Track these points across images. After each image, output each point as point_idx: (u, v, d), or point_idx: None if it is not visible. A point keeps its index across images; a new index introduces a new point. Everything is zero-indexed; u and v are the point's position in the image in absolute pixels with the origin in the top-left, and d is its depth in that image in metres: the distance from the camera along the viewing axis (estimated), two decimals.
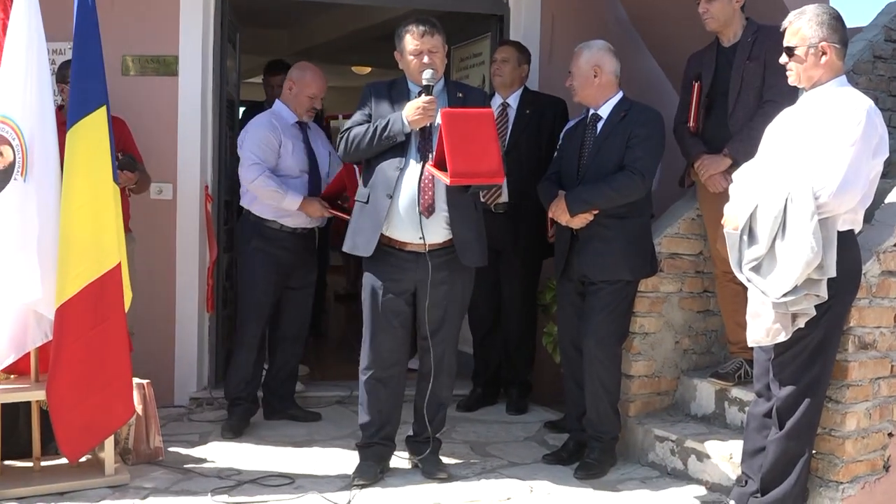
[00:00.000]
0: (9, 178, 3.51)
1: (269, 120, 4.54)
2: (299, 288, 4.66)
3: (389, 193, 3.71)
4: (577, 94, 4.10)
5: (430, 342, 3.86)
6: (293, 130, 4.56)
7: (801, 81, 3.26)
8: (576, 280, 4.06)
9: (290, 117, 4.57)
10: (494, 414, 4.98)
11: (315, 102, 4.58)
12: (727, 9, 4.08)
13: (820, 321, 3.13)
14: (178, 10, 4.99)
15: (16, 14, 3.55)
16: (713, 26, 4.14)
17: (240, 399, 4.58)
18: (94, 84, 3.63)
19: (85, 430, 3.63)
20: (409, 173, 3.73)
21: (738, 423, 3.97)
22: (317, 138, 4.70)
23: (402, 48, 3.82)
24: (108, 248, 3.60)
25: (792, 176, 3.07)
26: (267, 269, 4.50)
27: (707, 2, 4.09)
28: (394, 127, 3.69)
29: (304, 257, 4.64)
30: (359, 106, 3.90)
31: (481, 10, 5.62)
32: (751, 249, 3.13)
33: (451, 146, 3.44)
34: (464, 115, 3.59)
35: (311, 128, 4.69)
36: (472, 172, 3.51)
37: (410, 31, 3.79)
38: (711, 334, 4.49)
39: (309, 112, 4.59)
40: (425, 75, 3.69)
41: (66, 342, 3.54)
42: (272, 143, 4.45)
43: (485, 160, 3.50)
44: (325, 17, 8.25)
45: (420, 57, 3.76)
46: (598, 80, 4.03)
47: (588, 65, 4.03)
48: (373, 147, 3.73)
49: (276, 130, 4.47)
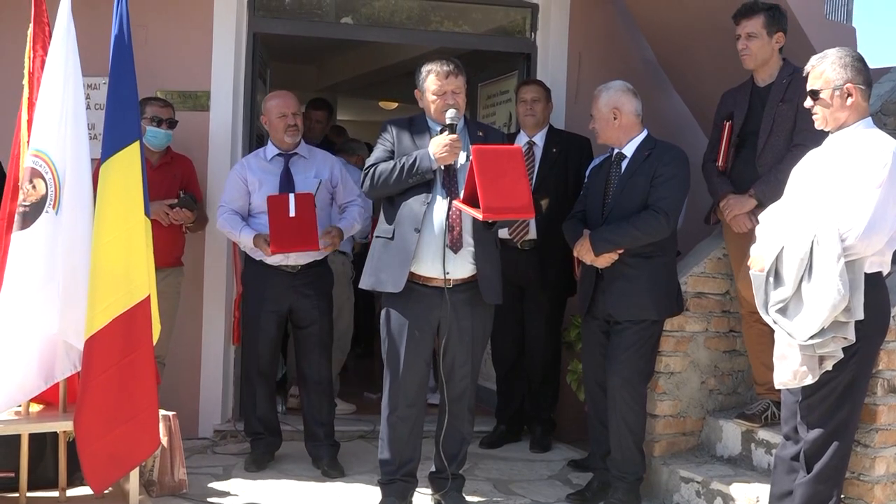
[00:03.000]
0: (40, 211, 3.56)
1: (246, 160, 4.65)
2: (305, 327, 4.55)
3: (417, 227, 3.72)
4: (600, 137, 4.12)
5: (453, 378, 3.87)
6: (269, 167, 4.52)
7: (827, 124, 3.25)
8: (601, 318, 4.05)
9: (270, 152, 4.56)
10: (518, 451, 4.96)
11: (289, 119, 4.48)
12: (766, 48, 4.06)
13: (848, 364, 3.10)
14: (211, 46, 5.08)
15: (54, 50, 3.62)
16: (750, 65, 4.12)
17: (260, 434, 4.59)
18: (129, 119, 3.69)
19: (110, 462, 3.64)
20: (436, 209, 3.75)
21: (765, 466, 3.93)
22: (308, 169, 4.55)
23: (425, 87, 3.86)
24: (138, 280, 3.64)
25: (818, 218, 3.06)
26: (256, 307, 4.50)
27: (747, 38, 4.07)
28: (422, 164, 3.71)
29: (300, 296, 4.49)
30: (379, 141, 3.91)
31: (509, 48, 5.68)
32: (777, 291, 3.12)
33: (483, 182, 3.48)
34: (495, 152, 3.63)
35: (306, 157, 4.59)
36: (503, 207, 3.54)
37: (434, 71, 3.82)
38: (738, 375, 4.46)
39: (290, 131, 4.48)
40: (449, 114, 3.72)
41: (94, 373, 3.57)
42: (238, 183, 4.50)
43: (516, 195, 3.54)
44: (353, 54, 8.36)
45: (444, 97, 3.79)
46: (618, 122, 4.04)
47: (607, 107, 4.05)
48: (400, 183, 3.75)
49: (242, 170, 4.53)
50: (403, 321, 3.81)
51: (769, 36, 4.05)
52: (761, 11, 4.06)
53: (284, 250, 4.30)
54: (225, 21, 5.10)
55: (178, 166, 4.77)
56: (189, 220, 4.62)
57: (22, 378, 3.60)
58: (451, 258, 3.72)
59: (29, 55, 3.75)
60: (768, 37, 4.05)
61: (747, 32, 4.06)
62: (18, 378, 3.59)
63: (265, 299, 4.48)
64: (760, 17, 4.05)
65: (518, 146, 3.81)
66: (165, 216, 4.50)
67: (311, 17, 5.60)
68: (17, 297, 3.52)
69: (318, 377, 4.58)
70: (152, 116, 4.54)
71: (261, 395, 4.58)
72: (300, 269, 4.48)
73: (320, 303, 4.56)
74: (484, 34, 5.70)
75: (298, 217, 4.23)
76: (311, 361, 4.57)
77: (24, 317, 3.53)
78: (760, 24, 4.04)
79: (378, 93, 9.88)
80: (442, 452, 3.92)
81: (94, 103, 4.82)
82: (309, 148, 4.69)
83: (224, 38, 5.10)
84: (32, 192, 3.55)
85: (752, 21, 4.06)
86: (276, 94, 4.64)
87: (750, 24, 4.06)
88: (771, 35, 4.06)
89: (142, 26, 4.68)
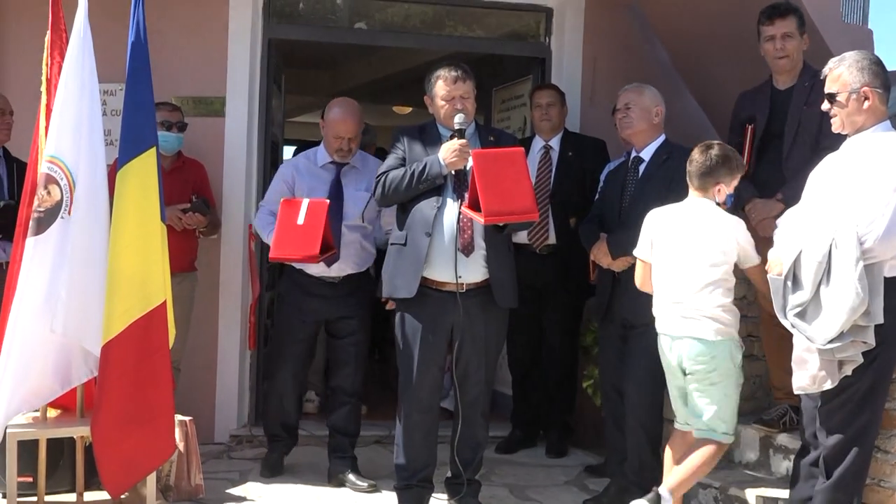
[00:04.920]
0: (55, 217, 3.57)
1: (295, 162, 4.54)
2: (342, 337, 4.46)
3: (428, 231, 3.72)
4: (631, 129, 4.06)
5: (467, 383, 3.86)
6: (321, 172, 4.41)
7: (844, 128, 3.23)
8: (618, 323, 4.04)
9: (322, 158, 4.45)
10: (534, 457, 4.95)
11: (343, 143, 4.36)
12: (799, 50, 3.99)
13: (868, 369, 3.07)
14: (226, 52, 5.11)
15: (70, 56, 3.64)
16: (788, 66, 4.00)
17: (278, 436, 4.56)
18: (145, 125, 3.71)
19: (127, 466, 3.66)
20: (447, 212, 3.75)
21: (784, 472, 3.90)
22: (360, 180, 4.42)
23: (434, 93, 3.86)
24: (155, 286, 3.65)
25: (837, 221, 3.04)
26: (291, 316, 4.42)
27: (783, 39, 3.95)
28: (431, 169, 3.71)
29: (342, 306, 4.39)
30: (392, 151, 3.92)
31: (523, 53, 5.68)
32: (795, 295, 3.10)
33: (483, 186, 3.47)
34: (494, 155, 3.61)
35: (358, 168, 4.45)
36: (505, 211, 3.53)
37: (442, 76, 3.83)
38: (756, 380, 4.42)
39: (340, 153, 4.39)
40: (457, 119, 3.72)
41: (111, 378, 3.58)
42: (282, 187, 4.40)
43: (517, 198, 3.52)
44: (367, 59, 8.37)
45: (452, 103, 3.80)
46: (656, 120, 4.05)
47: (653, 103, 4.06)
48: (411, 189, 3.75)
49: (291, 173, 4.42)
50: (417, 326, 3.81)
51: (800, 37, 3.99)
52: (792, 12, 3.98)
53: (281, 258, 4.16)
54: (240, 27, 5.12)
55: (189, 171, 4.79)
56: (202, 224, 4.63)
57: (38, 382, 3.62)
58: (462, 262, 3.72)
59: (47, 62, 3.77)
60: (800, 38, 3.99)
61: (784, 32, 3.96)
62: (34, 382, 3.61)
63: (304, 310, 4.39)
64: (793, 17, 3.97)
65: (519, 148, 3.79)
66: (178, 220, 4.51)
67: (325, 22, 5.63)
68: (31, 302, 3.53)
69: (352, 389, 4.49)
70: (162, 121, 4.54)
71: (289, 401, 4.50)
72: (341, 280, 4.38)
73: (360, 314, 4.47)
74: (498, 38, 5.70)
75: (306, 225, 4.05)
76: (346, 373, 4.48)
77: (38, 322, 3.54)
78: (794, 24, 3.97)
79: (392, 97, 9.89)
80: (457, 458, 3.91)
81: (111, 109, 4.84)
82: (363, 156, 4.53)
83: (239, 44, 5.12)
84: (47, 197, 3.56)
85: (788, 21, 3.96)
86: (343, 109, 4.43)
87: (786, 24, 3.96)
88: (801, 36, 3.99)
89: (158, 32, 4.69)
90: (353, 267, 4.39)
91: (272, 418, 4.59)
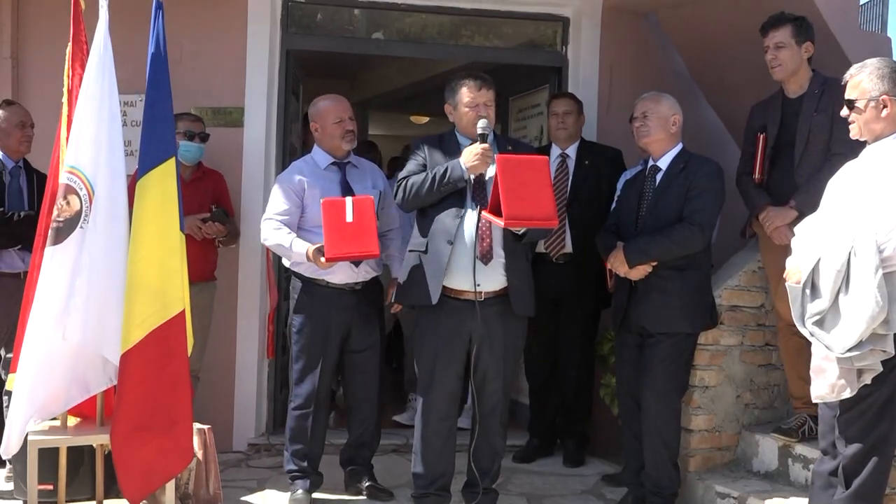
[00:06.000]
0: (74, 227, 3.59)
1: (298, 167, 4.32)
2: (361, 350, 4.28)
3: (450, 240, 3.74)
4: (648, 137, 4.06)
5: (484, 391, 3.86)
6: (326, 175, 4.27)
7: (862, 134, 3.23)
8: (634, 332, 4.03)
9: (323, 161, 4.30)
10: (551, 465, 4.94)
11: (346, 124, 4.26)
12: (796, 58, 4.06)
13: (887, 377, 3.05)
14: (245, 63, 5.14)
15: (90, 68, 3.67)
16: (781, 75, 4.11)
17: (302, 473, 4.26)
18: (165, 135, 3.73)
19: (146, 474, 3.67)
20: (467, 221, 3.77)
21: (803, 481, 3.88)
22: (364, 178, 4.34)
23: (457, 100, 3.90)
24: (173, 295, 3.67)
25: (855, 229, 3.03)
26: (321, 333, 4.19)
27: (776, 49, 4.06)
28: (453, 173, 3.73)
29: (361, 317, 4.25)
30: (411, 158, 3.95)
31: (540, 62, 5.68)
32: (813, 304, 3.08)
33: (505, 190, 3.48)
34: (518, 161, 3.63)
35: (357, 167, 4.37)
36: (526, 216, 3.54)
37: (467, 84, 3.87)
38: (774, 389, 4.41)
39: (348, 136, 4.27)
40: (480, 124, 3.75)
41: (130, 387, 3.60)
42: (290, 195, 4.19)
43: (539, 204, 3.53)
44: (385, 69, 8.41)
45: (476, 109, 3.83)
46: (674, 129, 4.05)
47: (670, 111, 4.06)
48: (432, 193, 3.77)
49: (298, 180, 4.22)
50: (435, 335, 3.82)
51: (798, 45, 4.05)
52: (788, 22, 4.07)
53: (340, 257, 3.91)
54: (258, 38, 5.15)
55: (209, 181, 4.83)
56: (221, 234, 4.67)
57: (56, 390, 3.65)
58: (481, 270, 3.73)
59: (68, 73, 3.81)
60: (797, 46, 4.05)
61: (775, 43, 4.07)
62: (53, 390, 3.64)
63: (331, 324, 4.19)
64: (788, 27, 4.05)
65: (544, 156, 3.81)
66: (198, 230, 4.55)
67: (342, 33, 5.65)
68: (50, 311, 3.56)
69: (374, 402, 4.35)
70: (185, 131, 4.59)
71: (318, 431, 4.24)
72: (362, 287, 4.25)
73: (379, 323, 4.37)
74: (515, 48, 5.71)
75: (356, 222, 3.86)
76: (367, 387, 4.33)
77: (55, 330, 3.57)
78: (788, 33, 4.05)
79: (409, 107, 9.92)
80: (475, 466, 3.91)
81: (131, 120, 4.89)
82: (356, 157, 4.45)
83: (258, 55, 5.15)
84: (66, 208, 3.59)
85: (780, 31, 4.06)
86: (327, 97, 4.37)
87: (778, 35, 4.06)
88: (800, 45, 4.05)
89: (177, 44, 4.74)
90: (376, 268, 4.30)
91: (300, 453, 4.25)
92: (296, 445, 4.25)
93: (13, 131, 4.56)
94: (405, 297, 3.92)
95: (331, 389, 4.41)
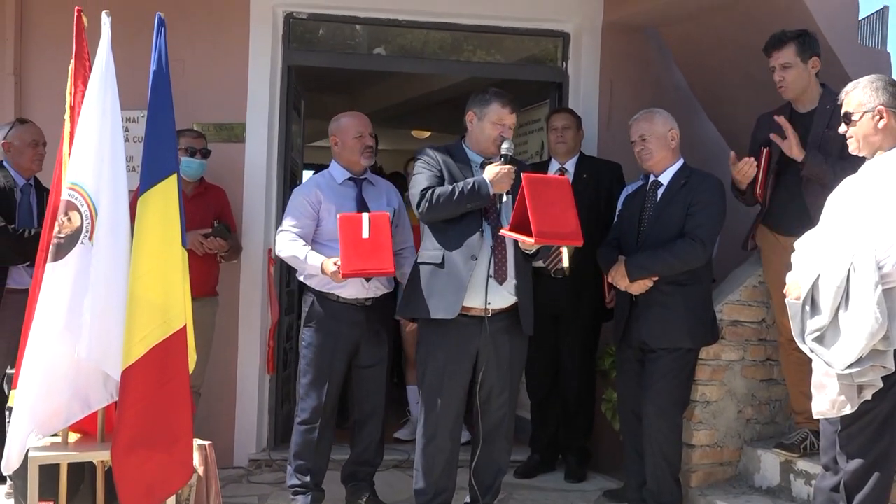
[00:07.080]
0: (75, 243, 3.59)
1: (315, 180, 4.36)
2: (369, 366, 4.29)
3: (475, 255, 3.75)
4: (652, 159, 4.07)
5: (490, 407, 3.86)
6: (343, 190, 4.29)
7: (860, 149, 3.24)
8: (635, 347, 4.03)
9: (340, 175, 4.33)
10: (553, 481, 4.92)
11: (366, 139, 4.31)
12: (803, 76, 4.02)
13: (888, 393, 3.05)
14: (246, 79, 5.17)
15: (92, 84, 3.69)
16: (790, 95, 4.06)
17: (305, 489, 4.25)
18: (166, 152, 3.74)
19: (147, 490, 3.66)
20: (486, 239, 3.79)
21: (805, 497, 3.87)
22: (379, 196, 4.37)
23: (485, 113, 3.88)
24: (175, 311, 3.67)
25: (855, 245, 3.03)
26: (330, 348, 4.19)
27: (782, 69, 4.01)
28: (482, 189, 3.73)
29: (370, 332, 4.26)
30: (425, 167, 3.90)
31: (540, 77, 5.71)
32: (813, 320, 3.08)
33: (533, 207, 3.53)
34: (544, 180, 3.70)
35: (374, 184, 4.40)
36: (553, 233, 3.59)
37: (499, 101, 3.87)
38: (775, 404, 4.40)
39: (367, 152, 4.30)
40: (505, 145, 3.79)
41: (131, 403, 3.60)
42: (307, 208, 4.21)
43: (565, 222, 3.60)
44: (386, 84, 8.44)
45: (503, 129, 3.86)
46: (673, 144, 4.06)
47: (665, 128, 4.06)
48: (458, 207, 3.76)
49: (315, 193, 4.24)
50: (442, 351, 3.82)
51: (804, 63, 4.01)
52: (791, 40, 4.01)
53: (356, 273, 3.91)
54: (260, 54, 5.18)
55: (211, 196, 4.84)
56: (223, 249, 4.68)
57: (57, 406, 3.64)
58: (493, 288, 3.75)
59: (70, 90, 3.82)
60: (803, 64, 4.01)
61: (781, 63, 4.01)
62: (54, 405, 3.63)
63: (339, 340, 4.20)
64: (791, 45, 4.00)
65: (566, 177, 3.85)
66: (200, 245, 4.56)
67: (344, 48, 5.67)
68: (50, 327, 3.57)
69: (379, 417, 4.35)
70: (187, 147, 4.61)
71: (323, 447, 4.25)
72: (373, 303, 4.26)
73: (387, 338, 4.39)
74: (515, 63, 5.73)
75: (372, 238, 3.87)
76: (374, 403, 4.32)
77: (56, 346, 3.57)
78: (793, 52, 4.00)
79: (411, 122, 9.95)
80: (476, 482, 3.90)
81: (133, 136, 4.90)
82: (373, 175, 4.49)
83: (259, 70, 5.18)
84: (67, 224, 3.59)
85: (784, 51, 4.01)
86: (348, 114, 4.42)
87: (782, 55, 4.01)
88: (805, 62, 4.01)
89: (179, 60, 4.77)
90: (387, 285, 4.31)
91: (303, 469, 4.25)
92: (299, 461, 4.25)
93: (26, 149, 4.59)
94: (414, 310, 3.88)
95: (338, 405, 4.38)
